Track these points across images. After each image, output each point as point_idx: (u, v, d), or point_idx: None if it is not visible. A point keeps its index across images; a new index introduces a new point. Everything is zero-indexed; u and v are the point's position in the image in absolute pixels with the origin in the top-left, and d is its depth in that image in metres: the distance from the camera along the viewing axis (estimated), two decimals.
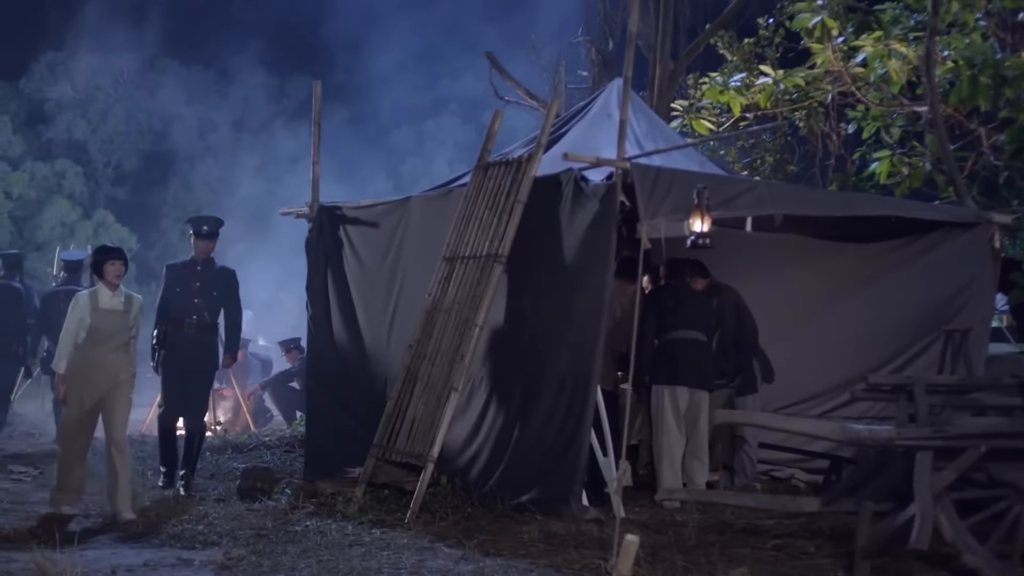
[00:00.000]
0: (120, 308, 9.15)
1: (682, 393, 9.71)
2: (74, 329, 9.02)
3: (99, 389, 8.98)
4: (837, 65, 13.65)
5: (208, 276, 10.44)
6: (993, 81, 11.97)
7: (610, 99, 10.45)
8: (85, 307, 9.05)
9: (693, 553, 7.44)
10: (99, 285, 9.20)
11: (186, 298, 10.32)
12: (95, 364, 9.00)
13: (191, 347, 10.24)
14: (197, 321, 10.29)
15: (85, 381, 8.98)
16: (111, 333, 9.07)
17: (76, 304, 9.10)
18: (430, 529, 8.06)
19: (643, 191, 8.30)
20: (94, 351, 9.01)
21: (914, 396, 7.21)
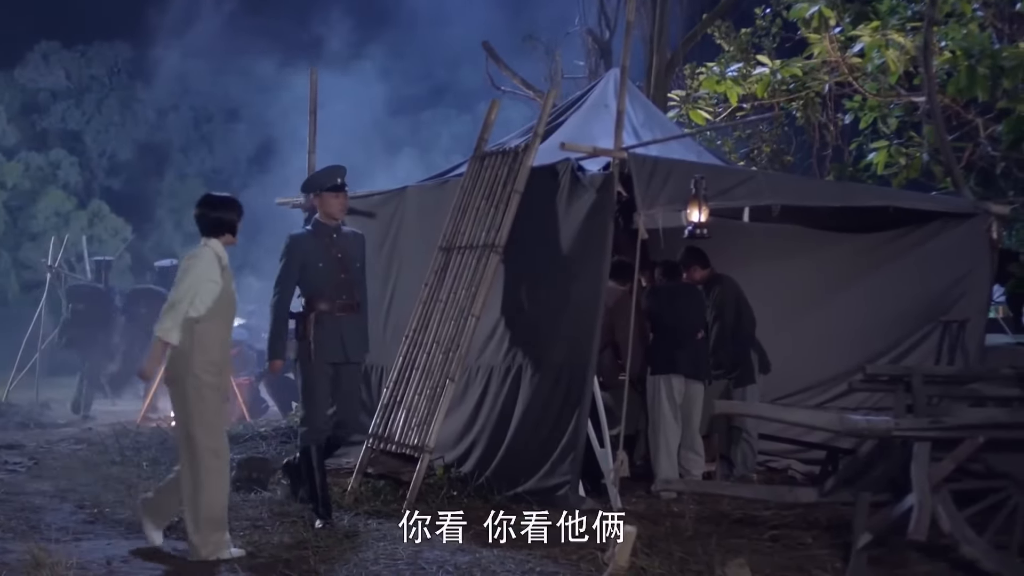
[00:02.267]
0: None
1: (678, 383, 9.69)
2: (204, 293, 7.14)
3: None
4: (834, 55, 13.65)
5: (347, 244, 8.43)
6: (991, 72, 11.99)
7: (607, 89, 10.42)
8: (213, 266, 7.18)
9: (690, 544, 7.42)
10: (213, 243, 7.28)
11: (330, 274, 8.27)
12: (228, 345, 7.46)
13: (346, 334, 8.26)
14: (347, 301, 8.29)
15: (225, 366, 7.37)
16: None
17: (203, 260, 7.18)
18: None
19: (640, 181, 8.28)
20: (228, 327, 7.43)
21: (912, 387, 7.20)
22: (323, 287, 8.19)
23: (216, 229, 7.28)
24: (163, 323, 7.05)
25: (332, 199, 8.33)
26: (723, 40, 15.89)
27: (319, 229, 8.37)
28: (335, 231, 8.36)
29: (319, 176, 8.58)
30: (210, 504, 7.01)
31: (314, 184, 8.51)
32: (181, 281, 7.11)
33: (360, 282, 8.41)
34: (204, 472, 7.00)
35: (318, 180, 8.50)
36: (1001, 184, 13.94)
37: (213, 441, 7.07)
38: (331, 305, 8.18)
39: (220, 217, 7.30)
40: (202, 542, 6.96)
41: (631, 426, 9.73)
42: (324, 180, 8.42)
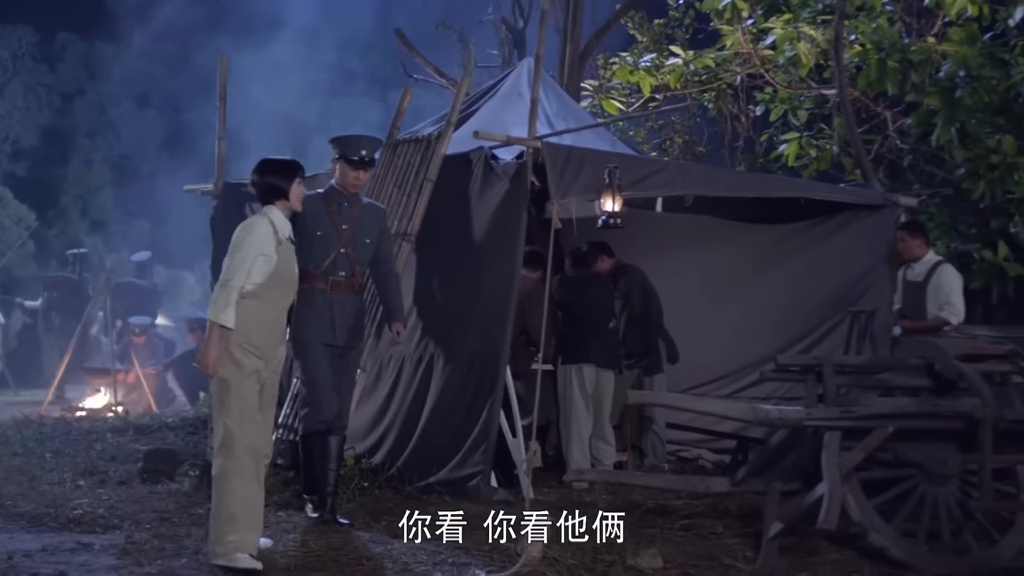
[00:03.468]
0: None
1: (590, 372, 9.68)
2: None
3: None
4: (747, 47, 13.74)
5: (359, 217, 7.68)
6: (900, 65, 12.11)
7: (521, 78, 10.38)
8: (268, 238, 6.50)
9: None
10: (272, 212, 6.64)
11: (329, 246, 7.56)
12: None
13: (338, 316, 7.56)
14: (345, 279, 7.61)
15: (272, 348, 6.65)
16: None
17: (256, 232, 6.49)
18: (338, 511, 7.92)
19: (554, 170, 8.24)
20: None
21: (823, 377, 7.24)
22: (318, 259, 7.50)
23: (268, 195, 6.68)
24: (215, 304, 6.36)
25: (348, 171, 7.62)
26: (636, 30, 15.94)
27: (331, 194, 7.66)
28: (347, 199, 7.64)
29: (345, 141, 7.75)
30: (232, 499, 6.35)
31: (337, 147, 7.71)
32: (232, 255, 6.44)
33: (366, 260, 7.69)
34: (233, 463, 6.34)
35: (342, 145, 7.70)
36: (909, 176, 14.11)
37: (247, 435, 6.36)
38: (324, 281, 7.51)
39: (270, 183, 6.68)
40: (216, 539, 6.39)
41: (543, 416, 9.72)
42: (347, 148, 7.66)
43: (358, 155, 7.61)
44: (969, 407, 6.93)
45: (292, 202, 6.68)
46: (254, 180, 6.74)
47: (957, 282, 9.59)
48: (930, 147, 12.65)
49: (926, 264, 9.68)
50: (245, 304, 6.37)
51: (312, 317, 7.47)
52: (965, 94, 11.64)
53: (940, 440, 7.15)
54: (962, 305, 9.60)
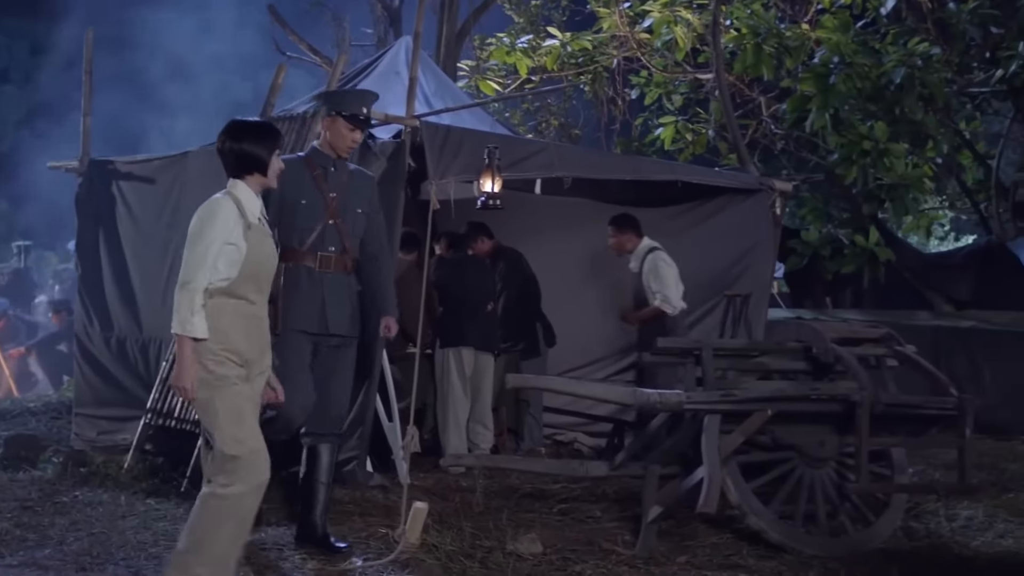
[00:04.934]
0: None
1: (468, 356, 9.60)
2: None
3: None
4: (623, 30, 13.73)
5: (348, 183, 6.73)
6: (776, 51, 12.22)
7: (398, 56, 10.22)
8: (232, 221, 5.35)
9: (481, 519, 7.34)
10: (239, 188, 5.49)
11: (315, 216, 6.54)
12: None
13: (329, 298, 6.61)
14: (336, 255, 6.63)
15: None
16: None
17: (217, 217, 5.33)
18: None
19: (432, 150, 8.08)
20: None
21: (702, 360, 7.24)
22: (303, 233, 6.50)
23: (239, 167, 5.47)
24: (178, 312, 5.16)
25: (345, 130, 6.65)
26: (513, 11, 15.86)
27: (314, 157, 6.64)
28: (333, 163, 6.59)
29: (342, 96, 6.88)
30: (221, 539, 5.27)
31: (332, 101, 6.73)
32: (191, 249, 5.25)
33: (358, 234, 6.71)
34: (233, 498, 5.24)
35: (338, 100, 6.73)
36: (784, 161, 14.29)
37: (254, 457, 5.27)
38: (313, 257, 6.50)
39: (246, 151, 5.46)
40: (181, 569, 5.28)
41: (418, 400, 9.59)
42: (345, 103, 6.68)
43: (360, 111, 6.70)
44: (846, 390, 6.98)
45: (269, 178, 5.53)
46: (223, 146, 5.52)
47: (667, 269, 9.60)
48: (804, 132, 12.80)
49: (640, 254, 9.72)
50: (215, 304, 5.24)
51: (297, 302, 6.40)
52: (839, 80, 11.78)
53: (817, 423, 7.20)
54: (675, 293, 9.60)
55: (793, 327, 8.37)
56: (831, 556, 6.80)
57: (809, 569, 6.60)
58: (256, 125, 5.67)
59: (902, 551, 7.05)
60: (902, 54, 11.88)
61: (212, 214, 5.32)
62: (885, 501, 7.30)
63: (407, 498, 6.87)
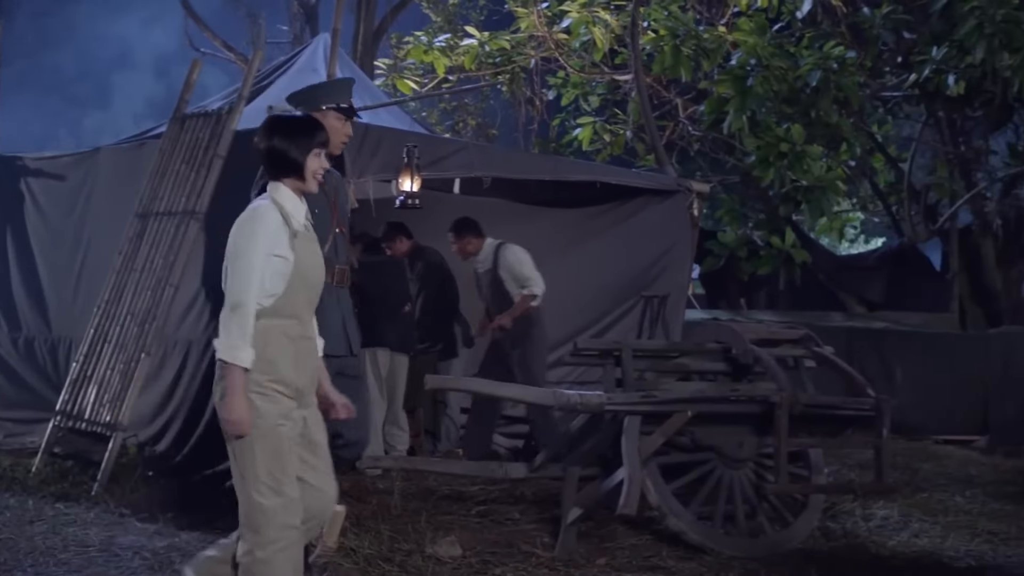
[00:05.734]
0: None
1: (384, 357, 9.52)
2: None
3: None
4: (541, 30, 13.70)
5: (340, 189, 6.29)
6: (694, 52, 12.28)
7: (316, 54, 10.14)
8: (278, 231, 4.69)
9: (399, 522, 7.25)
10: (280, 189, 4.80)
11: (326, 227, 5.95)
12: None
13: (348, 315, 6.34)
14: (345, 268, 6.32)
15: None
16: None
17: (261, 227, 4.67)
18: (120, 502, 7.55)
19: (350, 148, 7.96)
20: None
21: (622, 361, 7.22)
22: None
23: (275, 168, 4.82)
24: (228, 337, 4.54)
25: (338, 124, 6.17)
26: (431, 10, 15.79)
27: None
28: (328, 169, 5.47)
29: (324, 89, 6.41)
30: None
31: (316, 98, 6.21)
32: (235, 266, 4.65)
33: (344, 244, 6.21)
34: (265, 551, 4.62)
35: (322, 94, 6.22)
36: (700, 163, 14.36)
37: (283, 508, 4.64)
38: (330, 272, 5.71)
39: (277, 150, 4.78)
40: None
41: None
42: (331, 95, 6.19)
43: (345, 102, 6.22)
44: (765, 391, 7.00)
45: (307, 182, 4.82)
46: (259, 144, 4.87)
47: (523, 254, 9.57)
48: (721, 134, 12.87)
49: (488, 251, 9.70)
50: (260, 328, 4.61)
51: (323, 325, 5.40)
52: (756, 83, 11.86)
53: (736, 424, 7.21)
54: (537, 274, 9.55)
55: (712, 328, 8.39)
56: (750, 557, 6.81)
57: (729, 570, 6.60)
58: (289, 121, 5.00)
59: (820, 551, 7.09)
60: (818, 57, 11.99)
61: (253, 224, 4.68)
62: (803, 501, 7.33)
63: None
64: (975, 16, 11.21)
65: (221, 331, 4.57)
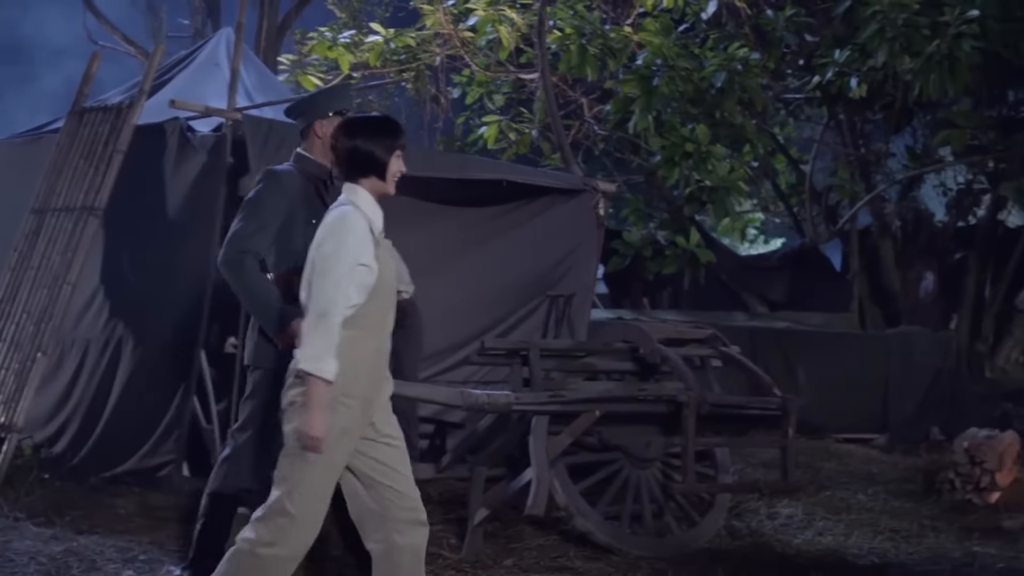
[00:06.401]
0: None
1: None
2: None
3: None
4: (447, 28, 13.64)
5: (334, 195, 5.18)
6: (600, 52, 12.30)
7: (219, 48, 9.95)
8: (364, 239, 4.61)
9: None
10: (360, 194, 4.73)
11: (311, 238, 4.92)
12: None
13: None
14: None
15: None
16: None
17: (350, 234, 4.57)
18: (15, 506, 7.34)
19: (255, 144, 7.87)
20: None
21: (529, 361, 7.18)
22: None
23: (354, 170, 4.71)
24: (312, 347, 4.42)
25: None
26: (335, 6, 15.65)
27: (307, 167, 5.72)
28: (328, 176, 5.49)
29: (326, 96, 6.16)
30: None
31: (320, 105, 5.89)
32: (324, 273, 4.51)
33: None
34: (276, 558, 4.62)
35: (325, 101, 5.94)
36: (606, 163, 14.40)
37: (310, 524, 4.67)
38: None
39: (361, 151, 4.69)
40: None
41: None
42: (334, 101, 5.90)
43: (347, 107, 5.93)
44: (673, 391, 7.01)
45: (387, 183, 4.76)
46: (337, 144, 4.76)
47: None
48: (626, 134, 12.91)
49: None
50: (349, 337, 4.51)
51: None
52: (662, 83, 11.91)
53: (643, 423, 7.22)
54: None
55: (619, 328, 8.39)
56: (657, 556, 6.84)
57: (636, 570, 6.62)
58: (372, 120, 4.92)
59: (726, 550, 7.14)
60: (722, 59, 12.07)
61: (345, 230, 4.56)
62: (710, 501, 7.37)
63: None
64: (877, 20, 11.35)
65: (304, 341, 4.44)
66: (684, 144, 11.73)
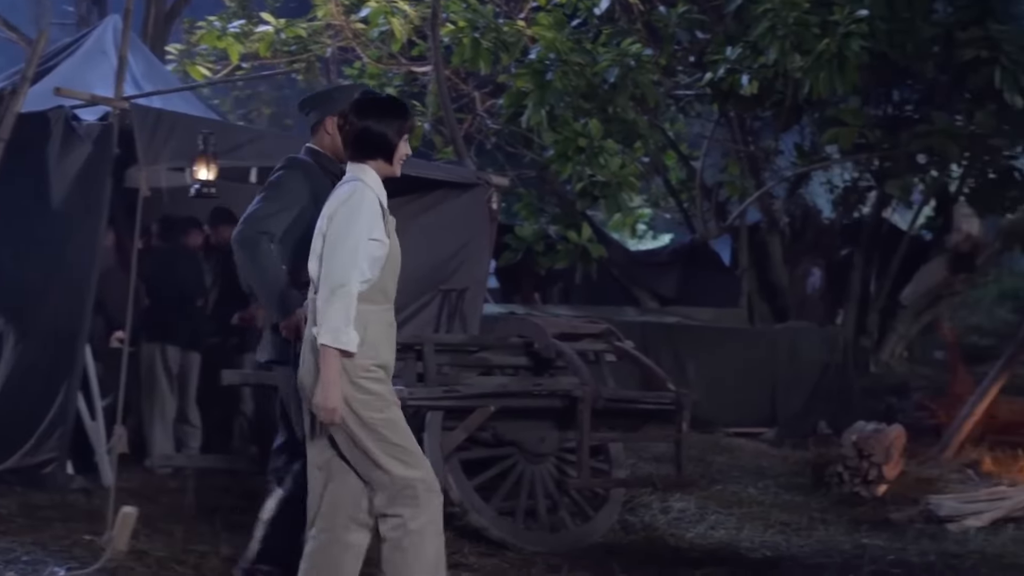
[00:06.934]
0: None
1: (175, 353, 9.26)
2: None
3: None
4: (339, 19, 13.50)
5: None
6: (494, 45, 12.26)
7: (105, 35, 9.71)
8: (376, 216, 4.78)
9: (193, 523, 7.05)
10: (368, 172, 4.83)
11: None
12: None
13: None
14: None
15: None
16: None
17: (364, 210, 4.70)
18: None
19: (142, 134, 7.67)
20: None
21: (423, 355, 7.13)
22: None
23: (364, 150, 4.77)
24: (330, 319, 4.48)
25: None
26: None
27: (325, 162, 5.67)
28: (340, 172, 5.23)
29: (341, 92, 6.00)
30: (437, 561, 4.73)
31: (335, 101, 5.74)
32: (338, 246, 4.59)
33: None
34: (427, 516, 4.69)
35: (340, 97, 5.72)
36: (498, 157, 14.36)
37: (428, 472, 4.78)
38: None
39: (373, 132, 4.74)
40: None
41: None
42: (348, 100, 5.48)
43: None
44: (568, 386, 7.00)
45: (394, 166, 4.87)
46: (346, 125, 4.81)
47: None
48: (519, 128, 12.88)
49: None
50: (361, 312, 4.59)
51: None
52: (555, 78, 11.90)
53: (538, 419, 7.21)
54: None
55: (514, 322, 8.36)
56: (552, 552, 6.84)
57: (531, 566, 6.60)
58: (383, 101, 5.02)
59: (621, 544, 7.17)
60: (615, 54, 12.11)
61: (358, 205, 4.66)
62: (604, 496, 7.38)
63: (114, 502, 6.48)
64: (768, 18, 11.48)
65: (320, 315, 4.51)
66: (577, 139, 11.73)
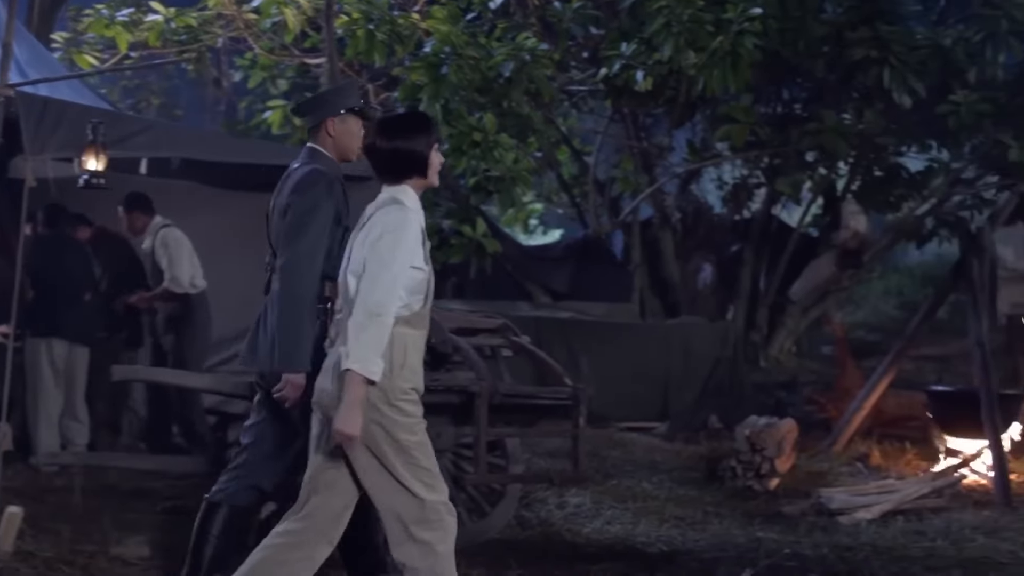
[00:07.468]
0: None
1: (61, 347, 9.07)
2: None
3: None
4: (230, 9, 13.33)
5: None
6: (388, 38, 12.20)
7: None
8: (417, 240, 4.68)
9: (81, 522, 6.96)
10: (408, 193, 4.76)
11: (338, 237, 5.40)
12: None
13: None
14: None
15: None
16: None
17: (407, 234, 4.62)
18: None
19: (29, 123, 7.47)
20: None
21: None
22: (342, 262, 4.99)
23: (399, 170, 4.72)
24: (362, 346, 4.44)
25: (357, 128, 5.57)
26: None
27: (334, 169, 5.59)
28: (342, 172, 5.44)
29: (337, 93, 5.87)
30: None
31: (333, 103, 5.63)
32: (379, 271, 4.50)
33: None
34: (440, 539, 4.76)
35: (338, 98, 5.66)
36: None
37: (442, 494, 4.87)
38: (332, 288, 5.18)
39: (405, 150, 4.71)
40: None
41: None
42: (346, 98, 5.64)
43: (362, 102, 5.83)
44: (465, 381, 6.95)
45: (431, 178, 4.79)
46: (375, 147, 4.77)
47: (177, 246, 9.54)
48: None
49: (152, 231, 9.65)
50: (398, 335, 4.56)
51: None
52: (450, 71, 11.86)
53: (434, 414, 7.13)
54: (184, 271, 9.50)
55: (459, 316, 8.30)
56: None
57: None
58: (406, 118, 5.07)
59: (517, 540, 7.17)
60: (511, 48, 12.09)
61: (403, 233, 4.60)
62: (500, 491, 7.35)
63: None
64: (663, 15, 11.55)
65: (352, 339, 4.46)
66: (471, 133, 11.70)
